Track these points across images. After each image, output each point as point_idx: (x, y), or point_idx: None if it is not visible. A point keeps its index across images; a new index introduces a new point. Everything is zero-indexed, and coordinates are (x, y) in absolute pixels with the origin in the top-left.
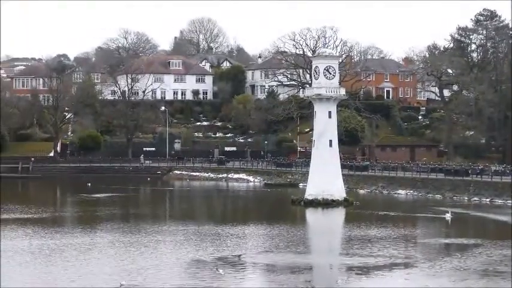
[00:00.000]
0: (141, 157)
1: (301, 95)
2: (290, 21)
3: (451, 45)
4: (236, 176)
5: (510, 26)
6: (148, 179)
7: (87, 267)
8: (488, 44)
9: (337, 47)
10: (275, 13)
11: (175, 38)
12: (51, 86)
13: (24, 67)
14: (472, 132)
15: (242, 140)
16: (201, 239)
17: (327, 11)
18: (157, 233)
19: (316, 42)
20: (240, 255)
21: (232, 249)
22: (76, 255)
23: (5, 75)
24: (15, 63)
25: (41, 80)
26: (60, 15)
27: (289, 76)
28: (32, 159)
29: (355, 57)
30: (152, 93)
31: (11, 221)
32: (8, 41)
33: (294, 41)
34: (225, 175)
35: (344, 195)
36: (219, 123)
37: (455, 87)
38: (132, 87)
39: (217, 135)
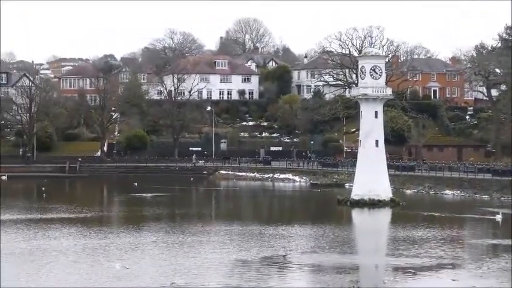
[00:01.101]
0: (194, 156)
1: (347, 94)
2: (336, 20)
3: (499, 44)
4: (282, 176)
5: None
6: (191, 179)
7: (132, 267)
8: None
9: (383, 46)
10: (321, 13)
11: (221, 38)
12: (98, 86)
13: (71, 67)
14: None
15: (288, 140)
16: (246, 239)
17: (373, 10)
18: (203, 233)
19: (363, 41)
20: (285, 255)
21: (277, 250)
22: (119, 255)
23: (52, 75)
24: (63, 64)
25: (88, 80)
26: (107, 16)
27: (335, 76)
28: (79, 159)
29: (402, 56)
30: (198, 93)
31: (56, 220)
32: (55, 41)
33: (340, 40)
34: (270, 175)
35: (390, 195)
36: (265, 123)
37: (503, 87)
38: (178, 87)
39: (263, 135)
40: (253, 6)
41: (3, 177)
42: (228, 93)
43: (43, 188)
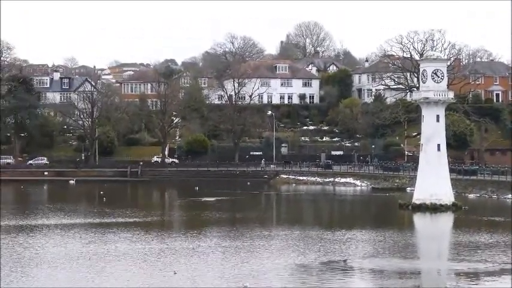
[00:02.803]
0: (263, 161)
1: (408, 98)
2: (397, 24)
3: None
4: (343, 180)
5: None
6: (248, 183)
7: (188, 271)
8: None
9: (445, 49)
10: (382, 16)
11: (282, 42)
12: (159, 91)
13: (132, 72)
14: None
15: (349, 144)
16: (307, 243)
17: (434, 13)
18: (263, 237)
19: (424, 45)
20: (346, 259)
21: (338, 254)
22: (176, 259)
23: (114, 80)
24: (124, 69)
25: (149, 85)
26: (168, 21)
27: (396, 79)
28: (141, 163)
29: (464, 60)
30: (259, 98)
31: (113, 224)
32: (117, 46)
33: (401, 44)
34: (331, 179)
35: (452, 199)
36: (325, 127)
37: None
38: (238, 91)
39: (324, 139)
40: (314, 10)
41: (72, 182)
42: (288, 98)
43: (101, 192)
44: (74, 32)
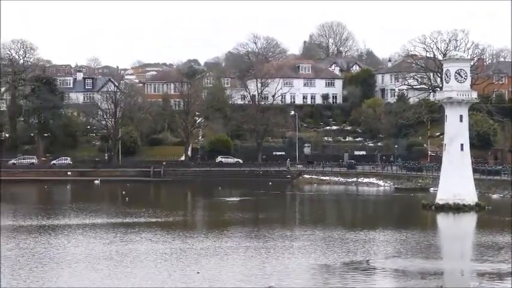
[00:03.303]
0: (287, 161)
1: (431, 98)
2: (420, 24)
3: None
4: (366, 180)
5: None
6: (270, 183)
7: (210, 272)
8: None
9: (468, 49)
10: (405, 16)
11: (305, 42)
12: (182, 91)
13: (155, 72)
14: None
15: (372, 144)
16: (329, 243)
17: (457, 13)
18: (285, 237)
19: (447, 45)
20: (368, 260)
21: (361, 254)
22: (197, 260)
23: (137, 80)
24: (147, 69)
25: (172, 85)
26: (190, 21)
27: (419, 79)
28: (164, 163)
29: (487, 60)
30: (282, 98)
31: (136, 224)
32: (140, 46)
33: (424, 44)
34: (354, 179)
35: (476, 200)
36: (348, 127)
37: None
38: (261, 91)
39: (347, 139)
40: (337, 10)
41: (96, 182)
42: (311, 98)
43: (123, 192)
44: (97, 32)
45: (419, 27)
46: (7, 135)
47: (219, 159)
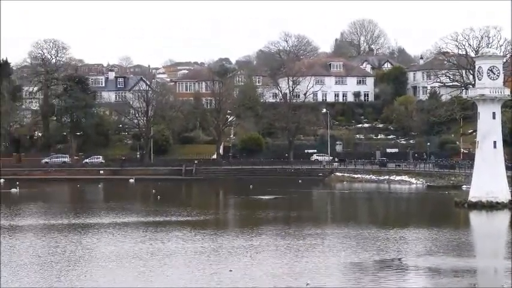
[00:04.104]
0: (324, 158)
1: (464, 95)
2: (452, 21)
3: None
4: (398, 178)
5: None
6: (300, 181)
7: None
8: None
9: (501, 46)
10: (437, 13)
11: (336, 40)
12: (213, 90)
13: (187, 71)
14: None
15: (404, 142)
16: (361, 241)
17: (489, 9)
18: (317, 235)
19: (479, 42)
20: (401, 258)
21: (393, 252)
22: (228, 258)
23: (168, 79)
24: (178, 68)
25: (204, 83)
26: (222, 19)
27: (451, 77)
28: (195, 161)
29: None
30: (313, 96)
31: (167, 223)
32: (171, 45)
33: (456, 41)
34: (386, 177)
35: (509, 197)
36: (380, 125)
37: None
38: (293, 89)
39: (378, 137)
40: (368, 7)
41: (131, 180)
42: (343, 95)
43: (153, 191)
44: (129, 31)
45: (451, 24)
46: (40, 134)
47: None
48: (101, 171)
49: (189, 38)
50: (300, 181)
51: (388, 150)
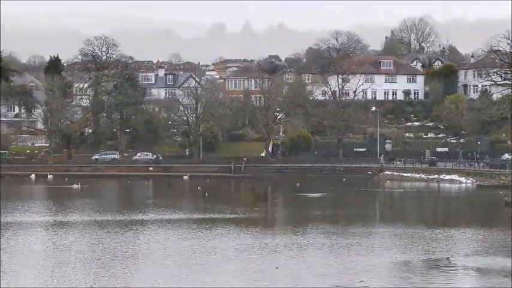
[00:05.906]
0: (381, 157)
1: None
2: (504, 19)
3: None
4: (448, 177)
5: None
6: (344, 179)
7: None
8: None
9: None
10: (488, 12)
11: (386, 37)
12: (263, 87)
13: (236, 68)
14: None
15: (454, 141)
16: (409, 241)
17: None
18: (364, 234)
19: None
20: (449, 257)
21: (442, 252)
22: (273, 255)
23: (218, 76)
24: (228, 65)
25: (253, 80)
26: (271, 17)
27: (503, 75)
28: (244, 159)
29: None
30: (363, 94)
31: (214, 220)
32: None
33: (508, 39)
34: (436, 176)
35: None
36: (430, 124)
37: None
38: (342, 87)
39: (428, 135)
40: (420, 5)
41: (185, 177)
42: (393, 94)
43: (198, 188)
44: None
45: (503, 22)
46: (90, 130)
47: None
48: (151, 168)
49: (238, 37)
50: (344, 179)
51: (438, 149)
